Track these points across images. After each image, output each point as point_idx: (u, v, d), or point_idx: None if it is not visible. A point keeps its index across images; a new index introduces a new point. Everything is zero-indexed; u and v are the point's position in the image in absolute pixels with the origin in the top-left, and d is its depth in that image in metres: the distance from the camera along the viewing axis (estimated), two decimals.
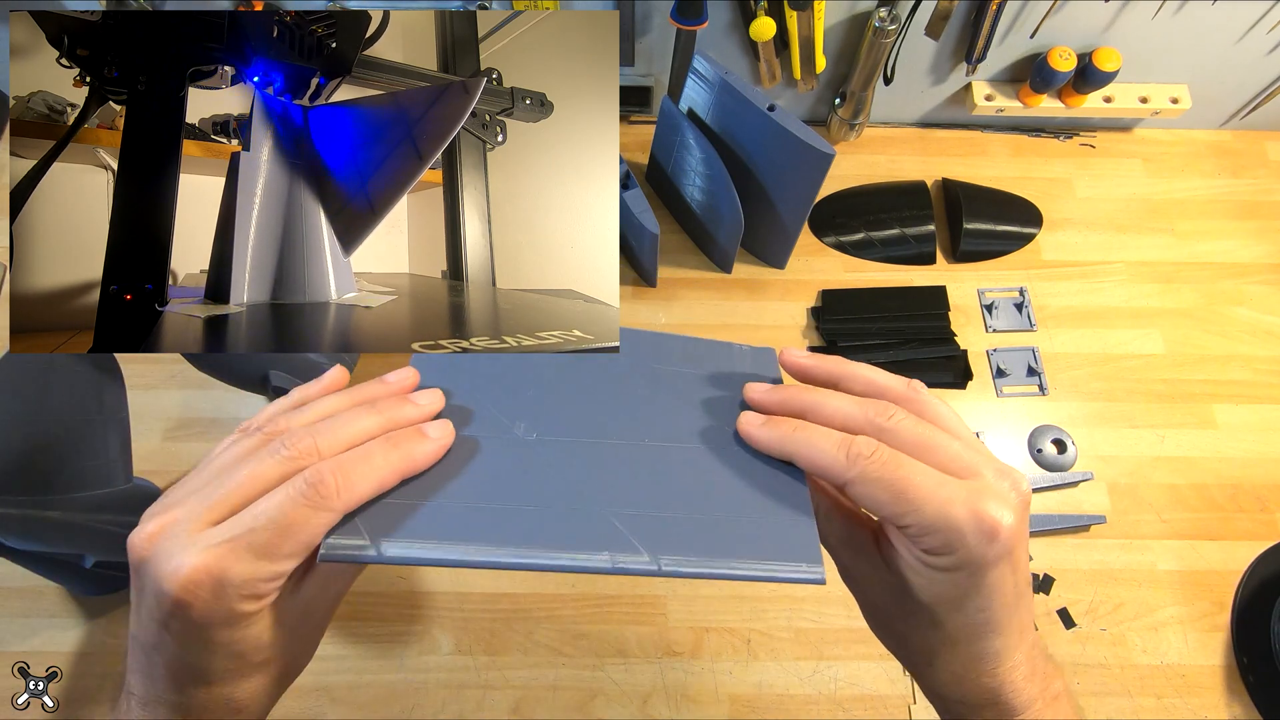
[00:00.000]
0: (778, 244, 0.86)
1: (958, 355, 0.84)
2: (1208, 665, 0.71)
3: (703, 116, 0.81)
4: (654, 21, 0.83)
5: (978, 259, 0.89)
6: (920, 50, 0.87)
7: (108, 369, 0.67)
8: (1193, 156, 0.96)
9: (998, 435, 0.80)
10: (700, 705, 0.69)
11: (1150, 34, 0.84)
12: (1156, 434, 0.80)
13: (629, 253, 0.88)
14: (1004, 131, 0.97)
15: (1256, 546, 0.75)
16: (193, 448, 0.78)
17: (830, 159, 0.72)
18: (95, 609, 0.72)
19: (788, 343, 0.85)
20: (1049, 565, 0.74)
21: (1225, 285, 0.88)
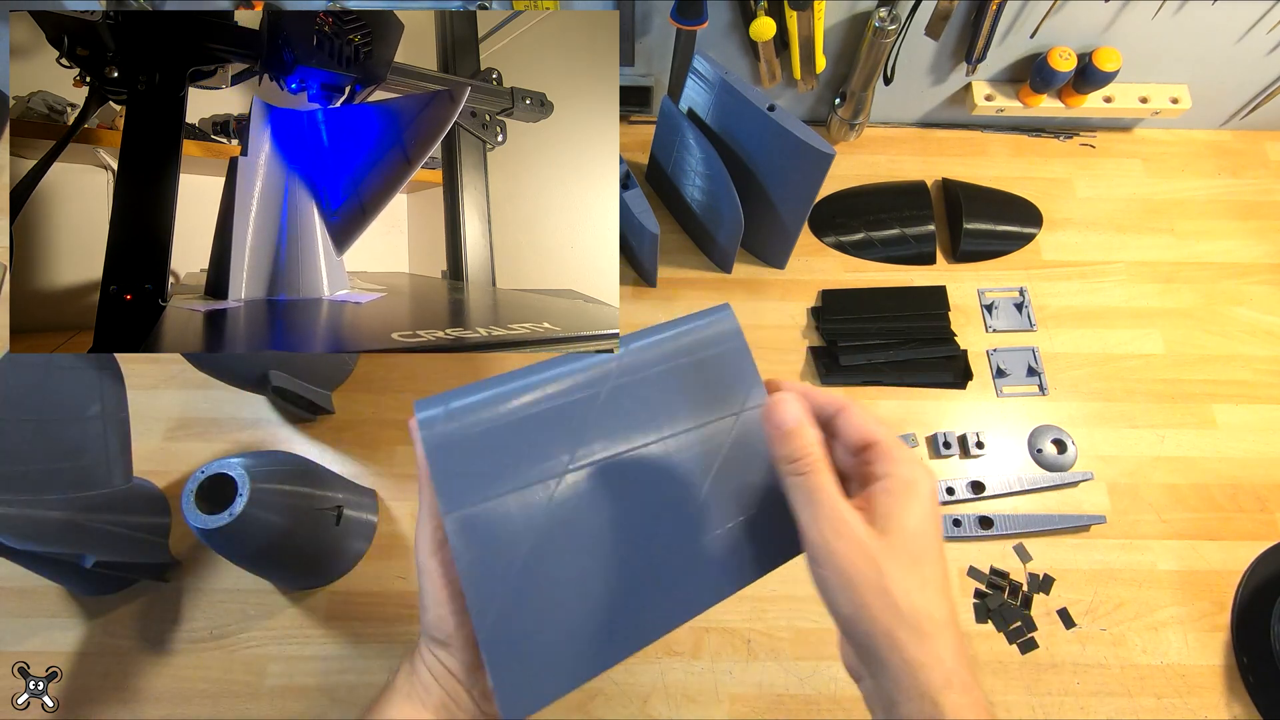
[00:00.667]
0: (778, 244, 0.86)
1: (958, 355, 0.84)
2: (1208, 665, 0.71)
3: (703, 116, 0.81)
4: (654, 21, 0.83)
5: (978, 259, 0.89)
6: (920, 50, 0.87)
7: (108, 369, 0.67)
8: (1193, 156, 0.96)
9: (998, 435, 0.80)
10: (700, 705, 0.69)
11: (1150, 34, 0.84)
12: (1156, 434, 0.80)
13: (629, 253, 0.88)
14: (1004, 131, 0.97)
15: (1256, 546, 0.75)
16: (193, 448, 0.78)
17: (830, 159, 0.72)
18: (95, 609, 0.72)
19: (788, 342, 0.85)
20: (1049, 565, 0.74)
21: (1225, 285, 0.88)
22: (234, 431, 0.79)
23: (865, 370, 0.82)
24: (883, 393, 0.82)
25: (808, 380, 0.83)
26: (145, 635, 0.71)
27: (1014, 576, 0.74)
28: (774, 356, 0.84)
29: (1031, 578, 0.74)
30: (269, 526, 0.60)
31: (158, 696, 0.69)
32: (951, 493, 0.77)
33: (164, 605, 0.72)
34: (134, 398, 0.69)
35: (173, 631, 0.71)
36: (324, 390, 0.79)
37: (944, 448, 0.79)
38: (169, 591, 0.72)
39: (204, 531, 0.56)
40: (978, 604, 0.73)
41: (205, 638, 0.71)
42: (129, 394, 0.69)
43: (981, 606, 0.73)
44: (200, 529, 0.56)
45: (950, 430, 0.80)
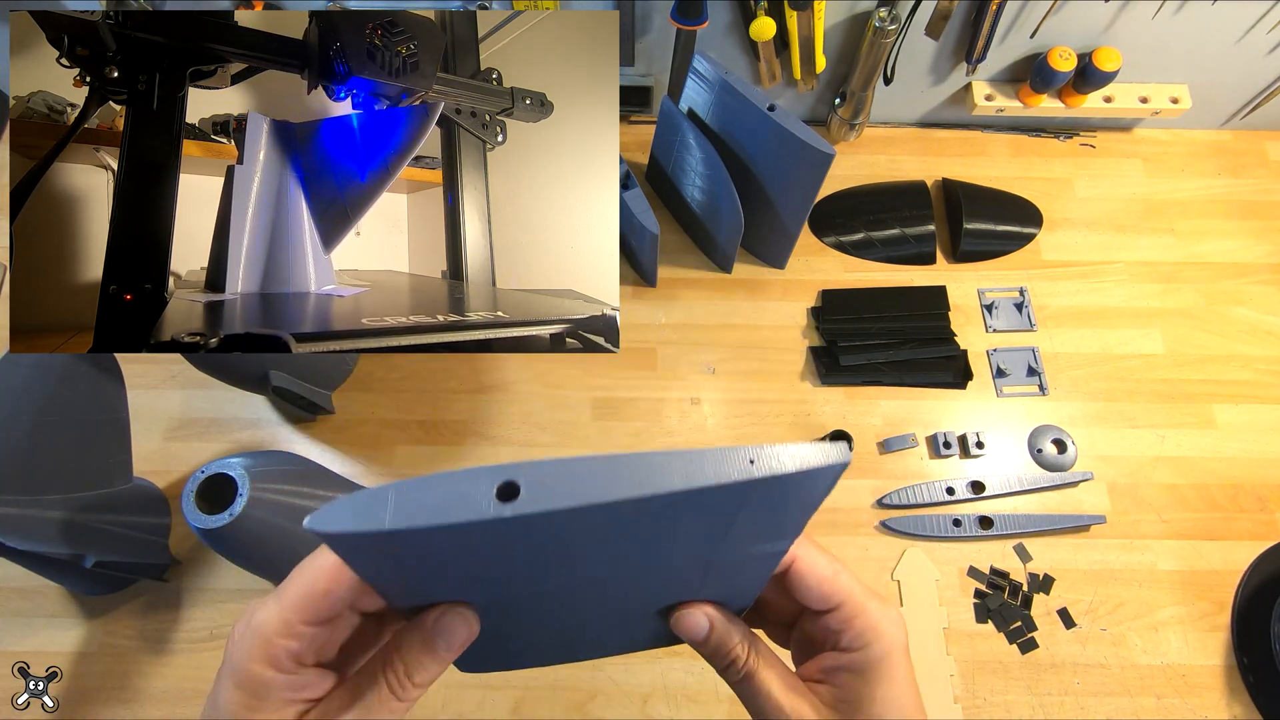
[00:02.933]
0: (778, 244, 0.87)
1: (958, 355, 0.84)
2: (1208, 665, 0.71)
3: (703, 116, 0.80)
4: (654, 21, 0.83)
5: (978, 259, 0.89)
6: (920, 50, 0.87)
7: (108, 369, 0.67)
8: (1193, 156, 0.96)
9: (998, 435, 0.80)
10: (700, 705, 0.69)
11: (1150, 34, 0.84)
12: (1156, 434, 0.80)
13: (629, 253, 0.88)
14: (1004, 131, 0.97)
15: (1256, 546, 0.75)
16: (193, 448, 0.78)
17: (830, 159, 0.72)
18: (95, 609, 0.72)
19: (788, 342, 0.85)
20: (1049, 565, 0.74)
21: (1225, 285, 0.88)
22: (234, 431, 0.79)
23: (865, 370, 0.82)
24: (883, 393, 0.82)
25: (808, 381, 0.83)
26: (145, 635, 0.71)
27: (1014, 576, 0.74)
28: (774, 356, 0.84)
29: (1031, 578, 0.74)
30: (269, 526, 0.60)
31: (158, 696, 0.69)
32: (951, 493, 0.77)
33: (164, 605, 0.72)
34: (134, 398, 0.69)
35: (173, 631, 0.71)
36: (324, 390, 0.79)
37: (944, 448, 0.79)
38: (169, 591, 0.72)
39: (204, 531, 0.56)
40: (978, 604, 0.73)
41: (205, 638, 0.71)
42: (129, 394, 0.69)
43: (981, 606, 0.73)
44: (200, 529, 0.56)
45: (950, 430, 0.80)
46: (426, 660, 0.28)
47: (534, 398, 0.81)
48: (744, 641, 0.31)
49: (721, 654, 0.31)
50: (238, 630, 0.28)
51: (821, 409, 0.81)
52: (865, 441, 0.80)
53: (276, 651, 0.27)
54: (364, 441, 0.79)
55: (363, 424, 0.80)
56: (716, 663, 0.32)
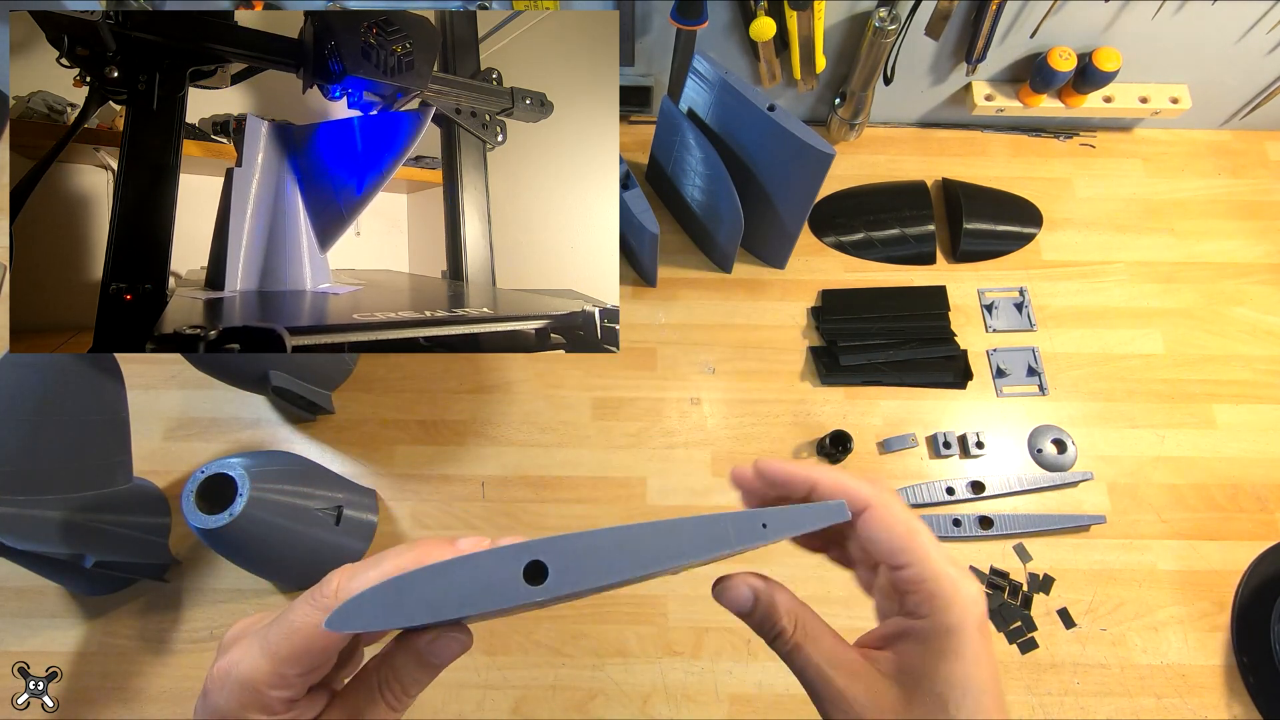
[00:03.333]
0: (778, 244, 0.87)
1: (958, 355, 0.84)
2: (1208, 665, 0.71)
3: (703, 116, 0.81)
4: (654, 21, 0.83)
5: (978, 259, 0.89)
6: (920, 50, 0.87)
7: (108, 369, 0.67)
8: (1193, 156, 0.96)
9: (998, 435, 0.80)
10: (700, 705, 0.69)
11: (1150, 34, 0.84)
12: (1156, 434, 0.80)
13: (629, 253, 0.88)
14: (1004, 131, 0.97)
15: (1256, 546, 0.75)
16: (193, 448, 0.78)
17: (830, 159, 0.72)
18: (95, 609, 0.72)
19: (788, 342, 0.85)
20: (1049, 565, 0.74)
21: (1225, 285, 0.88)
22: (234, 431, 0.79)
23: (865, 370, 0.82)
24: (883, 393, 0.82)
25: (808, 381, 0.83)
26: (145, 635, 0.71)
27: (1014, 576, 0.74)
28: (774, 356, 0.84)
29: (1031, 578, 0.74)
30: (269, 526, 0.60)
31: (158, 696, 0.69)
32: (951, 493, 0.77)
33: (164, 605, 0.72)
34: (134, 398, 0.69)
35: (173, 631, 0.71)
36: (324, 390, 0.79)
37: (944, 448, 0.79)
38: (169, 591, 0.72)
39: (204, 531, 0.56)
40: None
41: (205, 638, 0.71)
42: (129, 394, 0.69)
43: None
44: (200, 529, 0.56)
45: (950, 430, 0.80)
46: (421, 675, 0.29)
47: (534, 398, 0.81)
48: (790, 613, 0.30)
49: (768, 626, 0.30)
50: (218, 675, 0.27)
51: (821, 409, 0.81)
52: (865, 441, 0.80)
53: (270, 701, 0.27)
54: (364, 441, 0.79)
55: (363, 424, 0.80)
56: (764, 634, 0.31)
